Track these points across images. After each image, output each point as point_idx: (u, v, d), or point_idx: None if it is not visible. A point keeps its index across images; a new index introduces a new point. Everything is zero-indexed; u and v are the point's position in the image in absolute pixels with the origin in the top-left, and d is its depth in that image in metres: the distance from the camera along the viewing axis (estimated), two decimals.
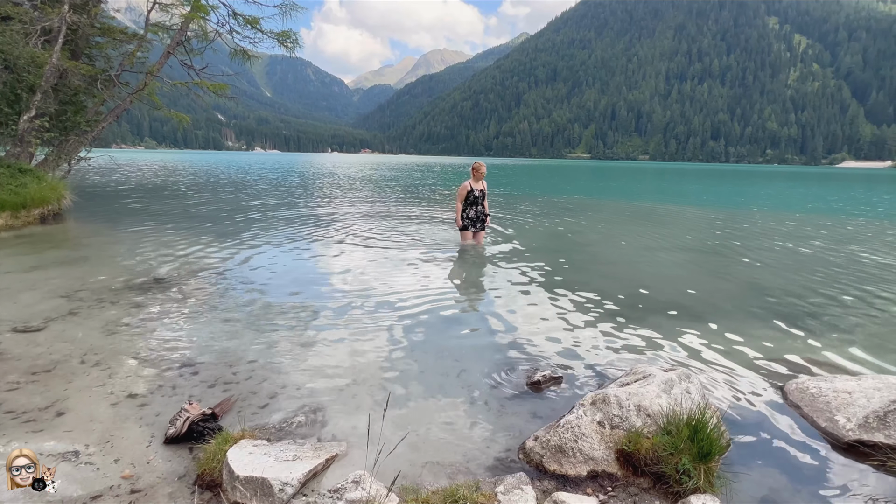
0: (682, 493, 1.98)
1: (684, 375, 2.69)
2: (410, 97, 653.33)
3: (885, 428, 2.38)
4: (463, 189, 6.80)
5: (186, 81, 12.95)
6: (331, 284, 5.27)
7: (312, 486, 2.00)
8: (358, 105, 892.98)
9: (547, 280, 5.63)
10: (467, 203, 6.90)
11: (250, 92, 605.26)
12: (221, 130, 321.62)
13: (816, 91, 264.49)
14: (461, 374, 3.16)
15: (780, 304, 4.90)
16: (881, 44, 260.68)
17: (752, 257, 7.34)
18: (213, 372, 3.10)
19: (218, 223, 9.40)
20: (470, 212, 6.96)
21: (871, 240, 9.36)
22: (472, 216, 6.98)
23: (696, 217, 12.93)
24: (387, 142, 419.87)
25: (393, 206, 13.22)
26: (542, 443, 2.25)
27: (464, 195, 6.82)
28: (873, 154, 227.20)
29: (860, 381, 2.78)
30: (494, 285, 5.40)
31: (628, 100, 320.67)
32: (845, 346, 3.78)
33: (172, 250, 6.74)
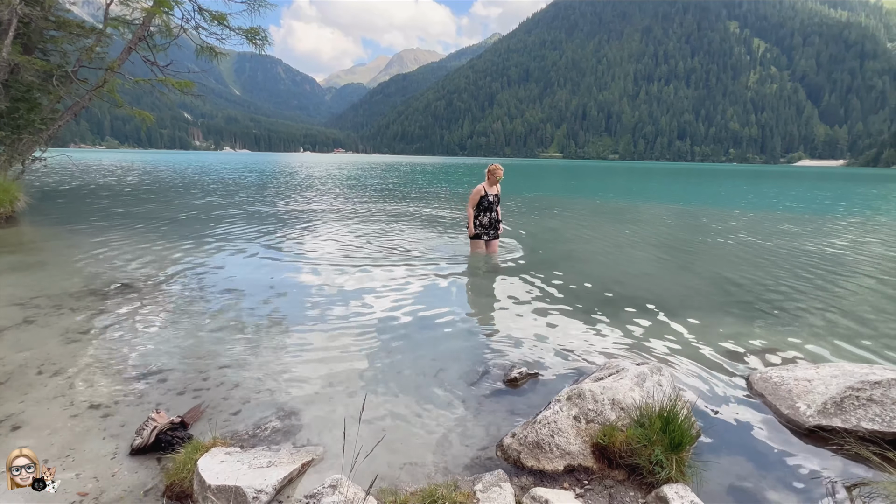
0: (655, 484, 2.03)
1: (656, 369, 2.76)
2: (384, 96, 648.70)
3: (841, 413, 2.50)
4: (476, 193, 6.13)
5: (150, 78, 12.46)
6: (304, 287, 5.18)
7: (288, 493, 1.96)
8: (330, 104, 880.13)
9: (521, 279, 5.68)
10: (480, 209, 6.23)
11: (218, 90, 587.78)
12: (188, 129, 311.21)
13: (774, 93, 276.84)
14: (438, 374, 3.16)
15: (743, 297, 5.10)
16: (832, 48, 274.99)
17: (716, 252, 7.61)
18: (181, 379, 2.99)
19: (185, 226, 9.10)
20: (483, 218, 6.29)
21: (816, 234, 9.84)
22: (486, 223, 6.32)
23: (662, 214, 13.32)
24: (360, 141, 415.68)
25: (368, 205, 13.10)
26: (520, 439, 2.27)
27: (476, 200, 6.16)
28: (827, 153, 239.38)
29: (819, 368, 2.91)
30: (469, 285, 5.42)
31: (598, 100, 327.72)
32: (805, 336, 3.96)
33: (136, 254, 6.49)
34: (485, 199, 6.16)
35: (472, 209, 6.26)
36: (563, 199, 17.57)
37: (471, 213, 6.28)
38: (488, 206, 6.21)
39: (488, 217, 6.29)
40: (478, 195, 6.13)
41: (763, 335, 3.97)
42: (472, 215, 6.29)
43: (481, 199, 6.16)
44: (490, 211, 6.25)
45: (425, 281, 5.49)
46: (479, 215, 6.29)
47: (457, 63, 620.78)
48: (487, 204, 6.19)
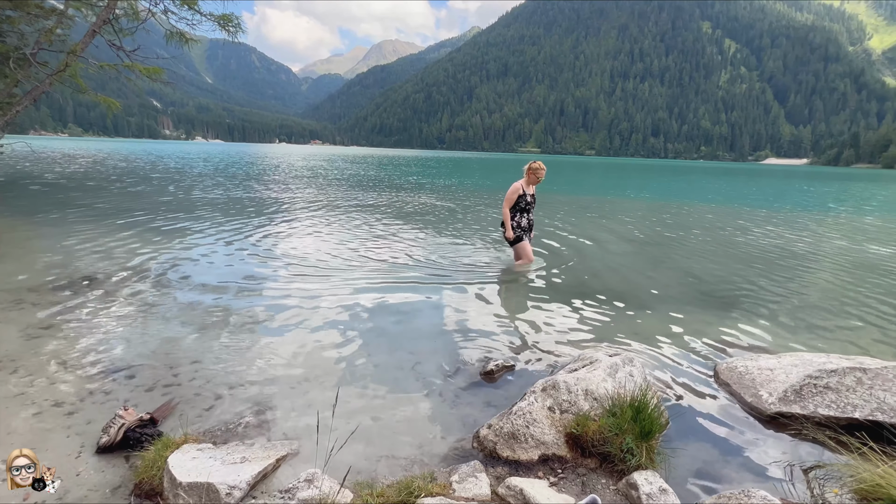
0: (626, 471, 2.09)
1: (628, 360, 2.84)
2: (362, 88, 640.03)
3: (800, 400, 2.62)
4: (513, 192, 5.52)
5: (115, 64, 11.94)
6: (279, 281, 5.09)
7: (262, 488, 1.94)
8: (307, 94, 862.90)
9: (498, 273, 5.73)
10: (517, 209, 5.62)
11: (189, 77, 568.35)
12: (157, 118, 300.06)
13: (744, 93, 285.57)
14: (416, 367, 3.16)
15: (711, 290, 5.27)
16: (798, 50, 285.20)
17: (687, 247, 7.83)
18: (151, 375, 2.91)
19: (153, 218, 8.81)
20: (522, 220, 5.69)
21: (780, 229, 10.25)
22: (525, 225, 5.74)
23: (636, 209, 13.61)
24: (338, 133, 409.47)
25: (346, 198, 12.95)
26: (496, 430, 2.30)
27: (514, 199, 5.54)
28: (792, 152, 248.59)
29: (780, 358, 3.04)
30: (447, 279, 5.43)
31: (576, 96, 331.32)
32: (769, 327, 4.13)
33: (102, 246, 6.25)
34: (522, 198, 5.58)
35: (509, 209, 5.59)
36: (541, 194, 17.74)
37: (507, 214, 5.58)
38: (526, 207, 5.65)
39: (526, 218, 5.73)
40: (515, 194, 5.53)
41: (730, 326, 4.12)
42: (509, 216, 5.60)
43: (519, 198, 5.55)
44: (527, 212, 5.71)
45: (402, 276, 5.48)
46: (515, 216, 5.66)
47: (436, 55, 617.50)
48: (525, 204, 5.63)
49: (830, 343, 3.83)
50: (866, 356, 3.06)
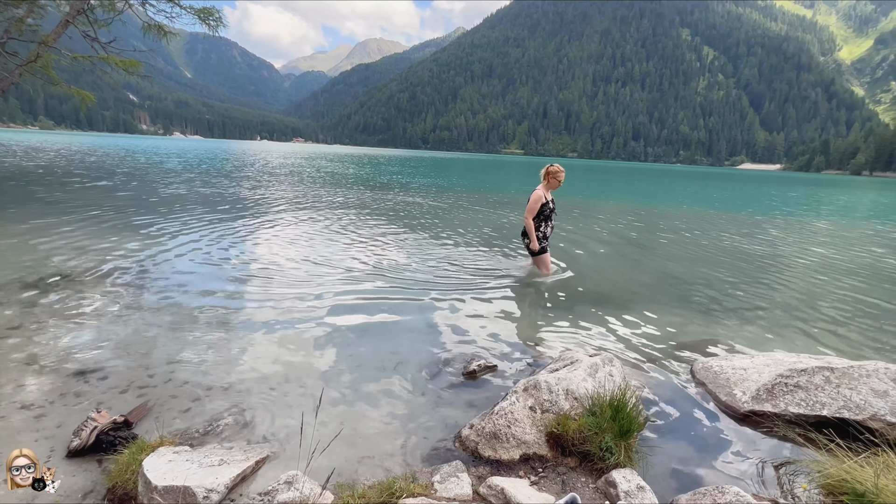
0: (605, 469, 2.12)
1: (608, 360, 2.88)
2: (346, 86, 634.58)
3: (772, 399, 2.71)
4: (536, 201, 5.14)
5: (90, 55, 11.59)
6: (258, 278, 5.02)
7: (241, 491, 1.91)
8: (289, 91, 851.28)
9: (480, 274, 5.76)
10: (541, 218, 5.27)
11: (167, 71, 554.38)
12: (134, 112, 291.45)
13: (721, 99, 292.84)
14: (398, 368, 3.16)
15: (689, 291, 5.40)
16: (773, 59, 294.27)
17: (666, 249, 8.00)
18: (125, 376, 2.83)
19: (128, 213, 8.58)
20: (546, 229, 5.36)
21: (752, 232, 10.56)
22: (549, 234, 5.45)
23: (614, 211, 13.83)
24: (321, 131, 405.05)
25: (326, 196, 12.82)
26: (478, 430, 2.31)
27: (537, 209, 5.17)
28: (766, 158, 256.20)
29: (753, 358, 3.14)
30: (428, 279, 5.43)
31: (559, 99, 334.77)
32: (744, 327, 4.25)
33: (74, 245, 6.06)
34: (546, 206, 5.25)
35: (533, 219, 5.24)
36: (524, 196, 17.89)
37: (531, 225, 5.21)
38: (549, 215, 5.33)
39: (550, 227, 5.40)
40: (538, 202, 5.16)
41: (707, 327, 4.22)
42: (533, 226, 5.24)
43: (542, 206, 5.22)
44: (550, 220, 5.36)
45: (384, 275, 5.45)
46: (539, 225, 5.30)
47: (420, 55, 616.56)
48: (549, 212, 5.30)
49: (801, 343, 3.96)
50: (834, 356, 3.18)
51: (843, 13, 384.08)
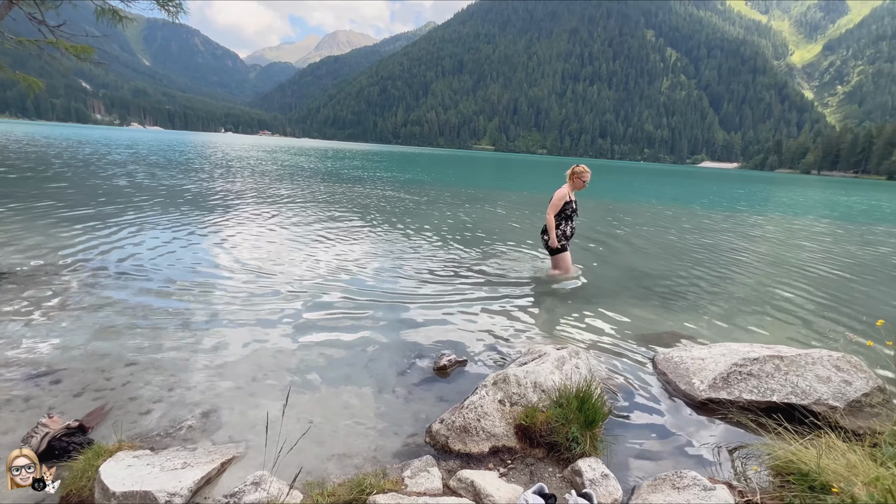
0: (571, 459, 2.19)
1: (574, 352, 2.96)
2: (314, 78, 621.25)
3: (727, 387, 2.85)
4: (559, 199, 5.17)
5: (37, 39, 10.88)
6: (222, 274, 4.87)
7: (206, 494, 1.86)
8: (255, 83, 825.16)
9: (449, 269, 5.79)
10: (562, 217, 5.28)
11: (124, 59, 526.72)
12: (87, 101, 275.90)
13: (683, 99, 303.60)
14: (368, 364, 3.14)
15: (651, 285, 5.60)
16: (731, 62, 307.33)
17: (630, 245, 8.25)
18: (79, 379, 2.71)
19: (81, 207, 8.14)
20: (567, 228, 5.35)
21: (710, 228, 11.06)
22: (569, 234, 5.41)
23: (583, 208, 14.15)
24: (288, 124, 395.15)
25: (295, 190, 12.55)
26: (448, 424, 2.33)
27: (560, 206, 5.20)
28: (725, 156, 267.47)
29: (711, 348, 3.29)
30: (399, 274, 5.42)
31: (529, 96, 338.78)
32: (702, 319, 4.45)
33: (22, 239, 5.71)
34: (569, 205, 5.26)
35: (554, 216, 5.25)
36: (495, 192, 18.04)
37: (552, 222, 5.22)
38: (570, 215, 5.32)
39: (571, 226, 5.39)
40: (562, 200, 5.18)
41: (668, 319, 4.39)
42: (553, 223, 5.23)
43: (565, 205, 5.23)
44: (571, 220, 5.36)
45: (353, 271, 5.40)
46: (560, 224, 5.32)
47: (391, 48, 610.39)
48: (571, 211, 5.30)
49: (754, 333, 4.18)
50: (783, 345, 3.37)
51: (794, 19, 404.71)
